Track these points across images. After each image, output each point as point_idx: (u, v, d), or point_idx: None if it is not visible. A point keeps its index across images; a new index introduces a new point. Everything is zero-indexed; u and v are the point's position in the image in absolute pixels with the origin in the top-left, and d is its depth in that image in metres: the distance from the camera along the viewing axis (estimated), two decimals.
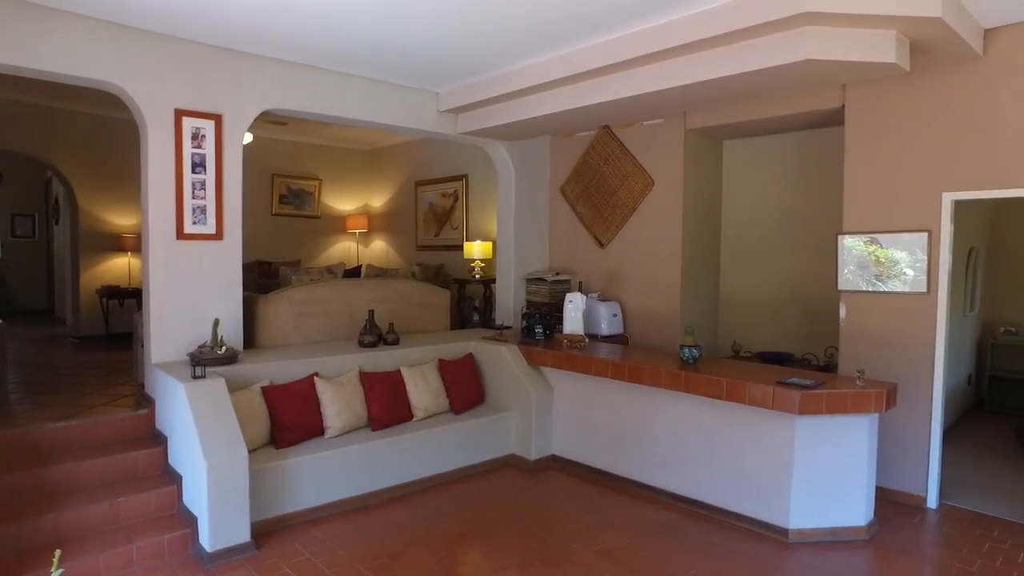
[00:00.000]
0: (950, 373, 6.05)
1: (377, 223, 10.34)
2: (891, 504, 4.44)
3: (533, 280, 6.49)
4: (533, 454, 5.22)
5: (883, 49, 3.82)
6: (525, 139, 6.67)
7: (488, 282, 7.61)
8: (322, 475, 4.23)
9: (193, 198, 4.52)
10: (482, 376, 5.58)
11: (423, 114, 5.94)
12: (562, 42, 4.63)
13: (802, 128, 5.64)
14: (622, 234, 6.20)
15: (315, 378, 4.59)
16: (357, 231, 10.26)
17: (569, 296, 5.54)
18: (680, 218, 5.76)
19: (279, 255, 9.26)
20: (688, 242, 5.83)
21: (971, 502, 4.53)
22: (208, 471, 3.55)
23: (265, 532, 3.93)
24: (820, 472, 3.91)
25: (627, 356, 4.90)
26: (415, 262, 8.99)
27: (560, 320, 5.68)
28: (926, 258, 4.40)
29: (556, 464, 5.28)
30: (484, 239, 8.00)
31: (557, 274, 6.44)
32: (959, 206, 4.46)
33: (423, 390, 5.03)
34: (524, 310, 6.15)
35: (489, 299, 7.65)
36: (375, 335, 5.33)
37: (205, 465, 3.55)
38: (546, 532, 4.06)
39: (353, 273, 8.70)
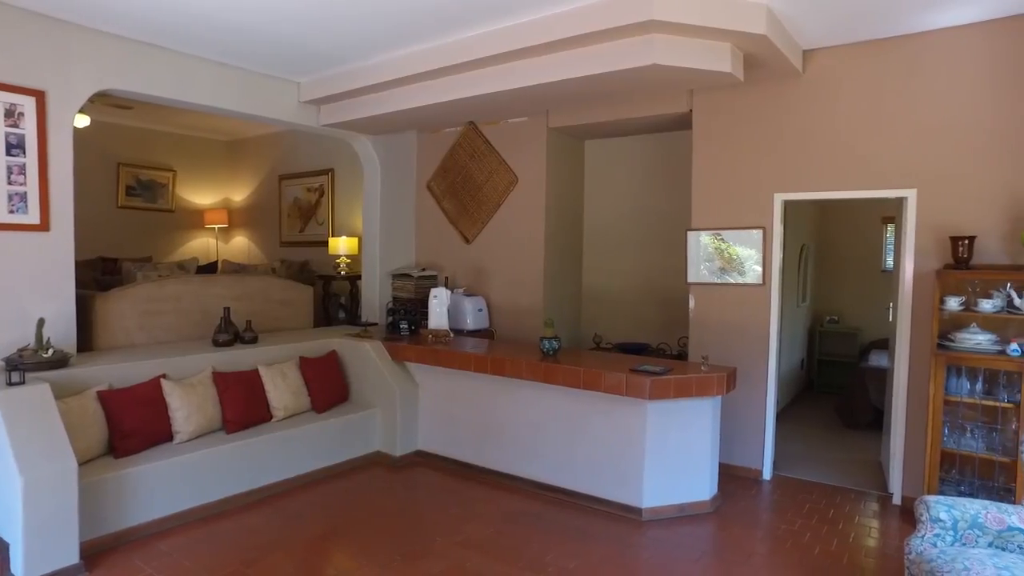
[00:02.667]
0: (786, 358, 6.68)
1: (238, 218, 9.79)
2: (733, 478, 4.83)
3: (399, 276, 6.42)
4: (399, 450, 5.17)
5: (720, 59, 4.14)
6: (391, 133, 6.58)
7: (354, 278, 7.44)
8: (170, 484, 3.95)
9: (9, 184, 4.04)
10: (346, 373, 5.45)
11: (283, 104, 5.70)
12: (424, 36, 4.61)
13: (657, 131, 5.99)
14: (487, 230, 6.28)
15: (162, 380, 4.28)
16: (216, 226, 9.66)
17: (433, 291, 5.53)
18: (543, 214, 5.93)
19: (127, 251, 8.52)
20: (551, 237, 6.02)
21: (798, 471, 5.03)
22: (24, 488, 3.19)
23: (101, 551, 3.61)
24: (670, 453, 4.17)
25: (491, 349, 4.98)
26: (279, 258, 8.61)
27: (426, 315, 5.67)
28: (761, 253, 4.82)
29: (422, 459, 5.27)
30: (351, 235, 7.81)
31: (423, 270, 6.41)
32: (789, 206, 4.93)
33: (282, 389, 4.83)
34: (389, 306, 6.07)
35: (355, 296, 7.48)
36: (231, 333, 5.05)
37: (20, 482, 3.18)
38: (410, 527, 4.04)
39: (209, 269, 8.19)
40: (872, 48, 4.43)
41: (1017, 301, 3.77)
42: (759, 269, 4.84)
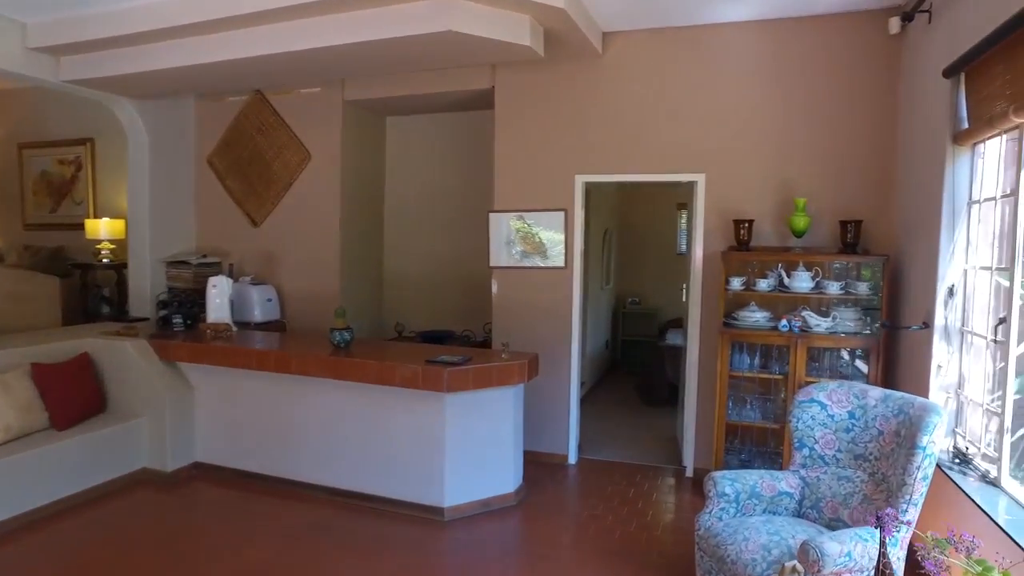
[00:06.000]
0: (591, 340, 6.80)
1: None
2: (539, 466, 4.74)
3: (175, 263, 5.58)
4: (170, 464, 4.44)
5: (519, 32, 3.95)
6: (161, 98, 5.66)
7: (121, 267, 6.38)
8: None
9: None
10: (101, 380, 4.57)
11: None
12: None
13: (460, 108, 5.73)
14: (278, 211, 5.65)
15: None
16: None
17: (212, 280, 4.84)
18: (339, 194, 5.44)
19: None
20: (348, 220, 5.54)
21: (602, 452, 5.09)
22: None
23: None
24: (472, 447, 3.95)
25: (276, 344, 4.44)
26: (23, 243, 7.17)
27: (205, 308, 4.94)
28: (563, 235, 4.76)
29: (200, 472, 4.57)
30: (117, 216, 6.68)
31: (204, 256, 5.63)
32: (591, 188, 4.93)
33: (3, 406, 3.89)
34: (162, 298, 5.23)
35: (123, 287, 6.42)
36: None
37: None
38: (179, 556, 3.43)
39: None
40: (665, 35, 4.50)
41: (786, 280, 4.03)
42: (562, 252, 4.79)
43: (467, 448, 3.93)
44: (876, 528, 1.76)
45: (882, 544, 1.73)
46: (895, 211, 4.05)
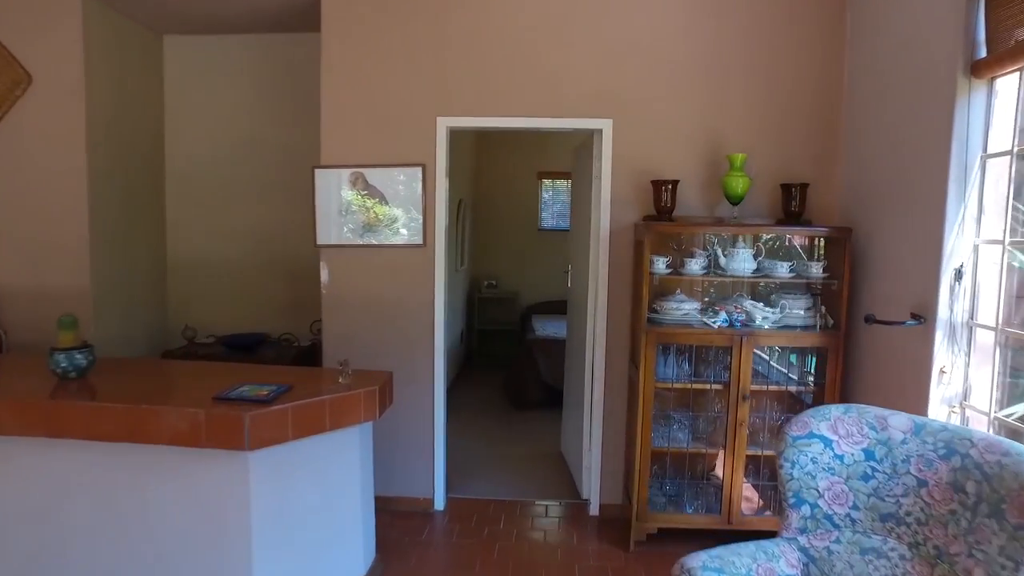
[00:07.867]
0: (447, 331, 5.57)
1: None
2: (398, 519, 3.45)
3: None
4: None
5: None
6: None
7: None
8: None
9: None
10: None
11: None
12: None
13: (275, 29, 4.18)
14: None
15: None
16: None
17: None
18: (83, 141, 3.63)
19: None
20: (101, 179, 3.77)
21: (476, 487, 3.91)
22: None
23: None
24: (295, 525, 2.54)
25: None
26: None
27: None
28: (421, 200, 3.46)
29: None
30: None
31: None
32: (454, 141, 3.66)
33: None
34: None
35: None
36: None
37: None
38: None
39: None
40: None
41: (723, 260, 3.08)
42: (419, 224, 3.49)
43: (289, 528, 2.52)
44: None
45: None
46: (846, 171, 3.24)
